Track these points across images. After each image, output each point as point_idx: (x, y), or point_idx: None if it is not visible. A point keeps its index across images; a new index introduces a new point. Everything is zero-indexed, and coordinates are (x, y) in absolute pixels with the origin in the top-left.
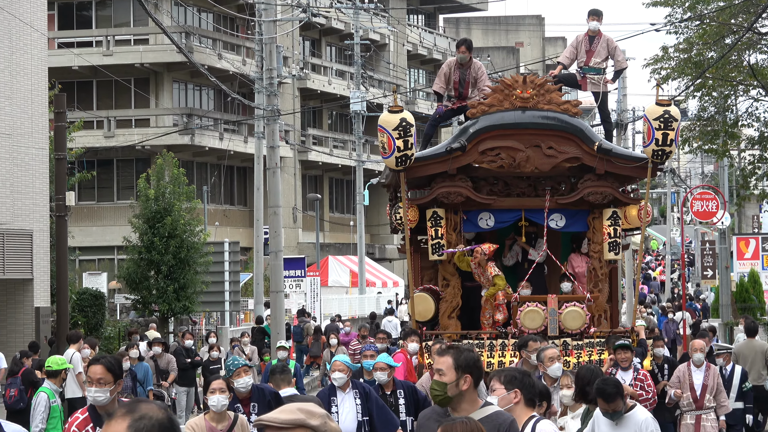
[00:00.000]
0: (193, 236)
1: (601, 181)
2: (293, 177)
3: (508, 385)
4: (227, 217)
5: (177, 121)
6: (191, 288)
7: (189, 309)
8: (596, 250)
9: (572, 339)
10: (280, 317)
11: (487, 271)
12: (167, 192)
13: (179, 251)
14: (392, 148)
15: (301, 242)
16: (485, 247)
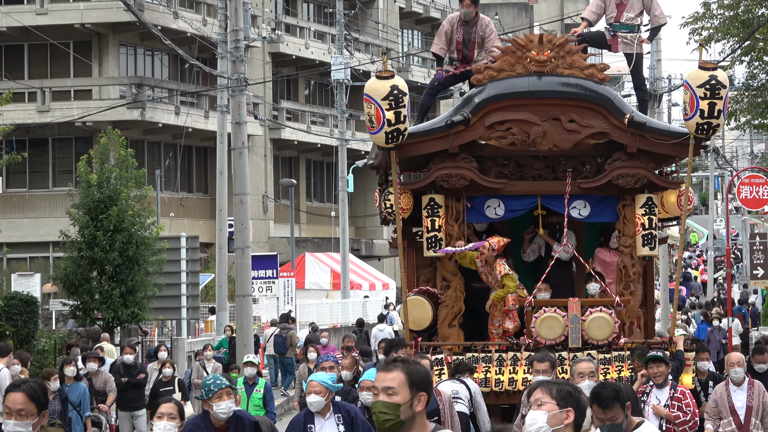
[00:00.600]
0: (144, 230)
1: (634, 161)
2: (263, 159)
3: (561, 401)
4: (184, 206)
5: (124, 93)
6: (141, 292)
7: (138, 317)
8: (627, 245)
9: (598, 351)
10: (248, 326)
11: (495, 270)
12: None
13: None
14: (381, 122)
15: (272, 237)
16: (493, 241)
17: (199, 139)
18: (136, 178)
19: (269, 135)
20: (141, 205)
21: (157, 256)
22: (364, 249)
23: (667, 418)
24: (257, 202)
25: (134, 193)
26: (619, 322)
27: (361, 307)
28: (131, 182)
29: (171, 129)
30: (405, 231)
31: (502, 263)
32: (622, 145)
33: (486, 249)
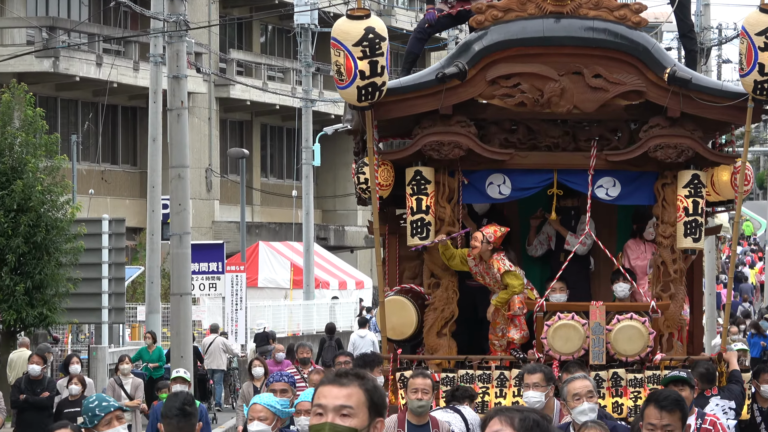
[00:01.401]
0: (56, 210)
1: (676, 128)
2: (207, 123)
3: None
4: (107, 181)
5: (33, 38)
6: (51, 288)
7: (48, 320)
8: (667, 234)
9: (627, 370)
10: (186, 333)
11: (492, 268)
12: (17, 143)
13: (34, 233)
14: (352, 74)
15: (218, 221)
16: (488, 231)
17: (127, 97)
18: (46, 144)
19: (215, 93)
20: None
21: (72, 243)
22: (333, 238)
23: None
24: (199, 178)
25: (44, 164)
26: (654, 333)
27: (328, 311)
28: (40, 150)
29: (91, 84)
30: (386, 213)
31: (500, 258)
32: (661, 108)
33: (479, 241)
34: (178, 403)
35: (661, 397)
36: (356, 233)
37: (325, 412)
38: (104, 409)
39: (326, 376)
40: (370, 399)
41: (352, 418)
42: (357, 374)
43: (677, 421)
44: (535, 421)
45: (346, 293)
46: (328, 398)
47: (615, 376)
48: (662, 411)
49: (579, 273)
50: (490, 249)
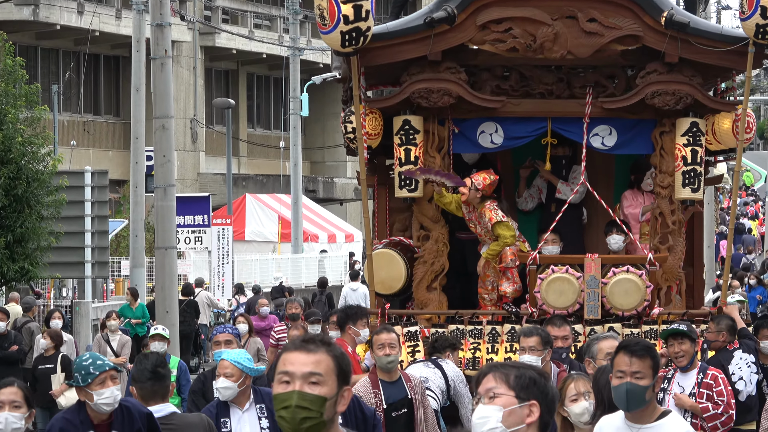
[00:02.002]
0: (37, 162)
1: (674, 74)
2: (192, 73)
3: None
4: (89, 133)
5: None
6: (33, 242)
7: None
8: (665, 184)
9: (623, 325)
10: (171, 287)
11: (483, 217)
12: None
13: (15, 185)
14: (336, 18)
15: (203, 173)
16: (477, 178)
17: (109, 46)
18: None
19: (200, 41)
20: (33, 130)
21: (54, 196)
22: (321, 190)
23: (692, 410)
24: (184, 128)
25: (24, 115)
26: (652, 287)
27: (317, 265)
28: (21, 100)
29: (72, 32)
30: (375, 164)
31: (492, 207)
32: (659, 54)
33: (466, 188)
34: (150, 365)
35: (631, 344)
36: (346, 185)
37: (292, 379)
38: (99, 368)
39: (291, 341)
40: (338, 366)
41: (322, 386)
42: (324, 340)
43: (648, 369)
44: (532, 378)
45: (335, 246)
46: (295, 365)
47: (611, 330)
48: (632, 357)
49: (572, 224)
50: (479, 196)
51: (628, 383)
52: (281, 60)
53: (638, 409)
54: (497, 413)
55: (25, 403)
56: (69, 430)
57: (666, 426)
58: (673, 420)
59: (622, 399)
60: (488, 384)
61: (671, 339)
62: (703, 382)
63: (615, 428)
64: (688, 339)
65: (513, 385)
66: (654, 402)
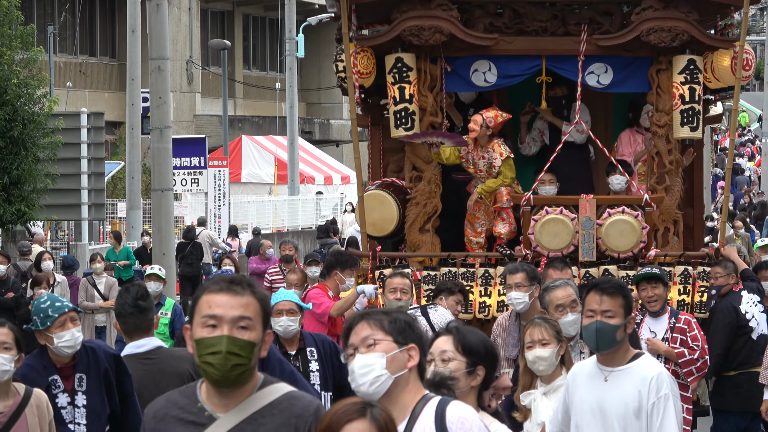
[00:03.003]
0: (33, 104)
1: (670, 10)
2: (187, 13)
3: (399, 336)
4: (85, 74)
5: None
6: (29, 184)
7: (26, 216)
8: (662, 123)
9: (619, 267)
10: (168, 229)
11: (492, 152)
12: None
13: (10, 127)
14: None
15: (199, 114)
16: (489, 115)
17: None
18: (22, 36)
19: None
20: (29, 71)
21: (50, 137)
22: (318, 132)
23: (666, 355)
24: (180, 70)
25: (20, 56)
26: (648, 228)
27: (314, 207)
28: (16, 42)
29: None
30: (370, 104)
31: (500, 143)
32: None
33: (477, 125)
34: (130, 299)
35: (602, 282)
36: (342, 126)
37: (220, 323)
38: (57, 310)
39: (215, 282)
40: (263, 309)
41: (251, 331)
42: (249, 282)
43: (619, 308)
44: (407, 322)
45: (331, 188)
46: (223, 308)
47: (606, 273)
48: (603, 294)
49: (580, 164)
50: (489, 134)
51: (597, 322)
52: (277, 1)
53: (609, 350)
54: (380, 360)
55: (15, 345)
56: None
57: (639, 367)
58: (647, 361)
59: (592, 338)
60: (363, 332)
61: (644, 283)
62: (675, 326)
63: (587, 373)
64: (661, 283)
65: (390, 330)
66: (626, 343)
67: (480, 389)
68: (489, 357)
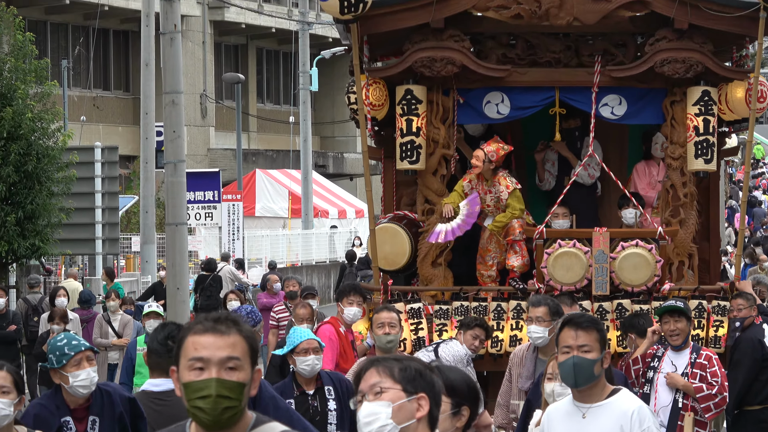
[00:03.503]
0: (47, 138)
1: (685, 41)
2: (202, 47)
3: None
4: (99, 108)
5: None
6: (44, 218)
7: (40, 251)
8: (676, 155)
9: (633, 301)
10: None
11: (498, 185)
12: (6, 69)
13: (25, 161)
14: None
15: (213, 148)
16: (490, 149)
17: (119, 21)
18: (36, 70)
19: (209, 16)
20: (43, 105)
21: (64, 172)
22: (332, 165)
23: (685, 389)
24: (194, 103)
25: (34, 90)
26: (662, 261)
27: (327, 241)
28: (30, 76)
29: (82, 7)
30: (383, 136)
31: (505, 175)
32: (668, 20)
33: (480, 160)
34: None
35: (576, 317)
36: (356, 160)
37: (208, 366)
38: (74, 348)
39: (199, 323)
40: (251, 347)
41: (240, 372)
42: (234, 320)
43: (594, 342)
44: (417, 370)
45: (345, 222)
46: (209, 349)
47: (620, 307)
48: (578, 329)
49: (585, 199)
50: (492, 168)
51: (575, 357)
52: (290, 34)
53: (587, 386)
54: (386, 409)
55: (14, 388)
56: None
57: (618, 402)
58: (625, 396)
59: (570, 374)
60: (372, 379)
61: (667, 316)
62: (696, 362)
63: (564, 412)
64: (684, 317)
65: (399, 378)
66: (603, 379)
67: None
68: (472, 396)
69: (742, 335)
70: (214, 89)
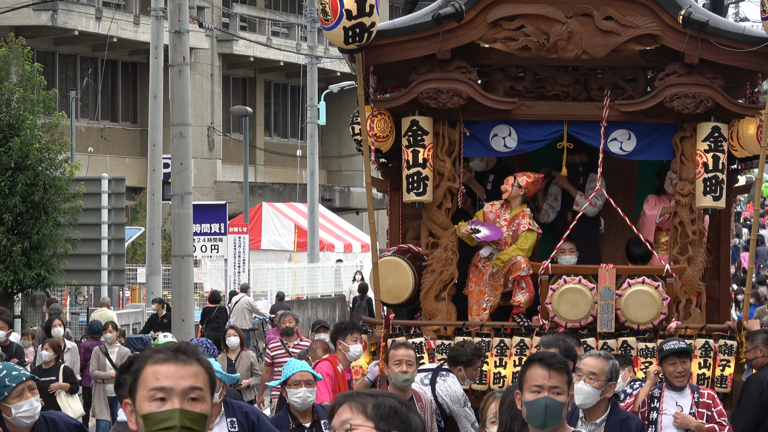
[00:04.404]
0: (54, 169)
1: (695, 76)
2: (210, 80)
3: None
4: (107, 139)
5: None
6: (50, 249)
7: (46, 281)
8: (686, 192)
9: (638, 339)
10: (187, 295)
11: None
12: (14, 99)
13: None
14: (338, 14)
15: (220, 181)
16: (521, 176)
17: (127, 53)
18: (44, 100)
19: (218, 49)
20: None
21: (70, 202)
22: (338, 199)
23: (698, 430)
24: (201, 136)
25: (42, 121)
26: (668, 299)
27: (333, 274)
28: (38, 106)
29: (90, 38)
30: (390, 168)
31: (526, 213)
32: (678, 54)
33: (509, 184)
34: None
35: (546, 356)
36: (362, 194)
37: (170, 396)
38: (14, 379)
39: (158, 351)
40: (211, 378)
41: (202, 403)
42: (193, 349)
43: (564, 385)
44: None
45: (351, 256)
46: (172, 379)
47: (625, 345)
48: (550, 370)
49: (587, 234)
50: (521, 194)
51: (547, 398)
52: (299, 68)
53: (553, 427)
54: None
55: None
56: None
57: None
58: None
59: (540, 415)
60: (344, 415)
61: (673, 357)
62: (700, 401)
63: None
64: (689, 358)
65: (371, 415)
66: (565, 422)
67: None
68: None
69: (751, 376)
70: (221, 122)
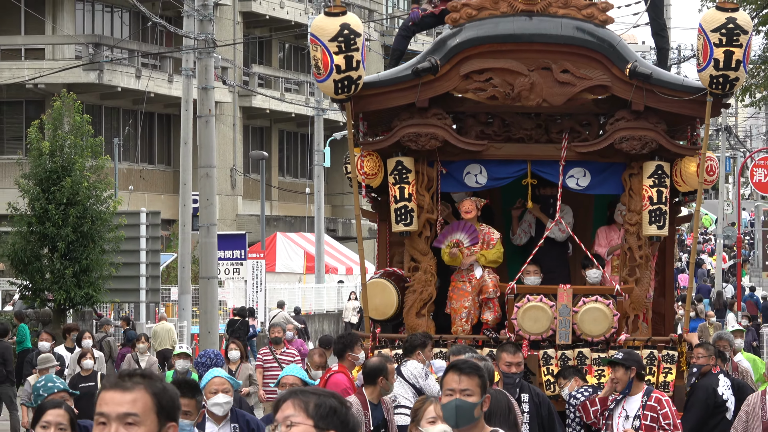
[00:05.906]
0: (100, 204)
1: (641, 121)
2: (232, 129)
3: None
4: (145, 179)
5: (80, 53)
6: (96, 271)
7: (93, 299)
8: (633, 222)
9: (592, 349)
10: (213, 311)
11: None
12: (66, 145)
13: (81, 223)
14: (329, 68)
15: (241, 214)
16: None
17: (162, 106)
18: (92, 146)
19: (239, 102)
20: (97, 176)
21: (114, 232)
22: (341, 229)
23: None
24: (225, 176)
25: (90, 164)
26: (618, 315)
27: (336, 293)
28: (87, 151)
29: (131, 93)
30: (379, 202)
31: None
32: (627, 102)
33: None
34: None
35: (460, 363)
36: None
37: (108, 421)
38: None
39: (107, 379)
40: (158, 403)
41: (138, 427)
42: (143, 375)
43: (476, 387)
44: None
45: (351, 278)
46: (110, 405)
47: (580, 355)
48: (461, 374)
49: (559, 258)
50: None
51: (457, 399)
52: (307, 119)
53: (467, 426)
54: None
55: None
56: None
57: None
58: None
59: (452, 415)
60: (287, 411)
61: (608, 367)
62: (647, 404)
63: None
64: (621, 367)
65: (312, 413)
66: (482, 421)
67: None
68: None
69: (699, 382)
70: (242, 164)
